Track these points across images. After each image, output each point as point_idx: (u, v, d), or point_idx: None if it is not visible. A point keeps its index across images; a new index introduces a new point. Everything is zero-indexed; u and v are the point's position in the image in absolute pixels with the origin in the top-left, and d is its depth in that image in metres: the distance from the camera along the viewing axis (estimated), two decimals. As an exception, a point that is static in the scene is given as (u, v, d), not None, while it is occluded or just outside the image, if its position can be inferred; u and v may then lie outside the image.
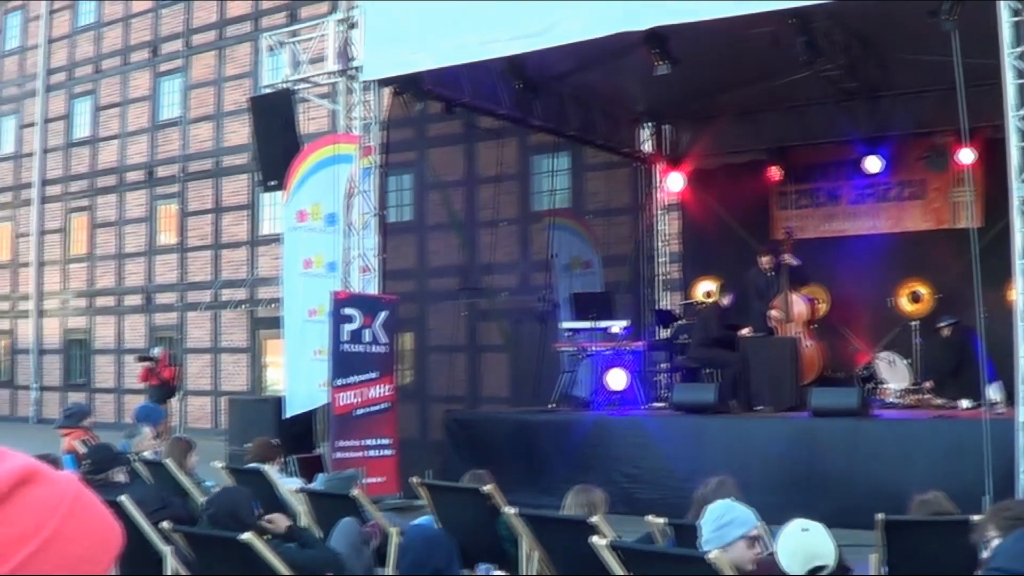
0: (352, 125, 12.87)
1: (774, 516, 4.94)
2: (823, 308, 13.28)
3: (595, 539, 5.03)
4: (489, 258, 15.18)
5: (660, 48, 11.08)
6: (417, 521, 7.19)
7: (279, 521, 6.08)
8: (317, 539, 6.49)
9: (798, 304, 12.32)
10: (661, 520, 5.79)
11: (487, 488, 6.87)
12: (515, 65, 12.53)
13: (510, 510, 6.30)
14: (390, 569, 6.62)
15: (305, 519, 7.63)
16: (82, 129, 25.96)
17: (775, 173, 14.86)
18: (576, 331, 13.76)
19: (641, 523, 6.09)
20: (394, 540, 6.70)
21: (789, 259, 12.42)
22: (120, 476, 7.47)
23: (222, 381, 22.23)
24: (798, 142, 14.54)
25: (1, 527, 0.99)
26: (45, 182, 26.62)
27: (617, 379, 13.02)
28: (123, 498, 6.24)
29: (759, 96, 13.47)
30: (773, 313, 12.40)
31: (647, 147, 16.45)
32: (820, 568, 4.25)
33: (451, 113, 13.73)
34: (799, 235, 13.68)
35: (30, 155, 27.07)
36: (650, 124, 16.41)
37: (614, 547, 4.97)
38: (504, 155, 15.21)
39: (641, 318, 15.66)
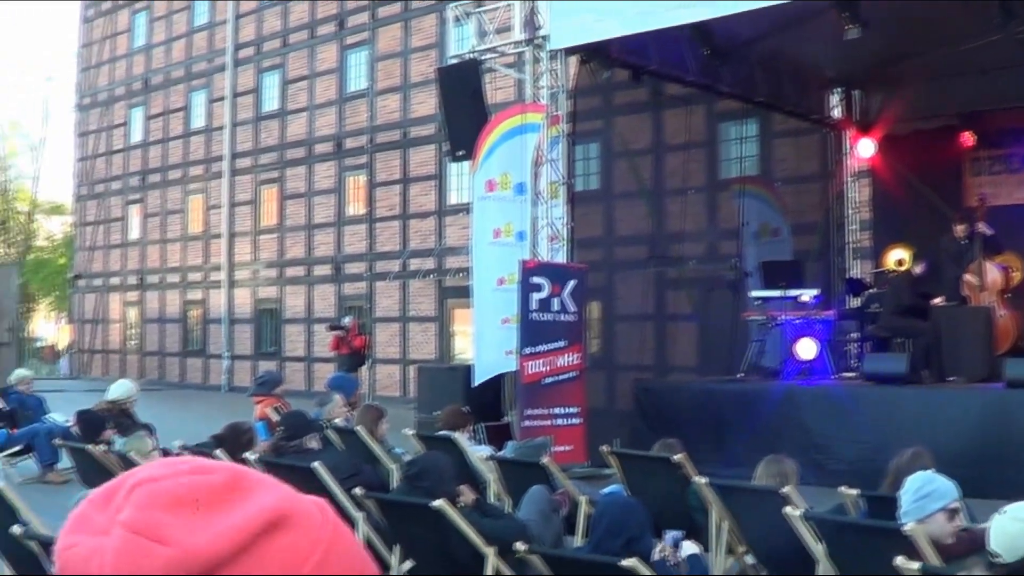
0: (539, 94, 13.57)
1: (965, 490, 4.97)
2: (1017, 277, 13.34)
3: (788, 510, 5.31)
4: (677, 226, 15.89)
5: (850, 12, 11.55)
6: (607, 490, 7.32)
7: (467, 494, 6.34)
8: (505, 513, 6.79)
9: (992, 272, 12.50)
10: (854, 491, 5.99)
11: (677, 457, 7.20)
12: (702, 31, 13.10)
13: (700, 479, 6.58)
14: (579, 537, 6.93)
15: (495, 486, 8.10)
16: (271, 103, 28.02)
17: (968, 139, 14.99)
18: (765, 300, 14.31)
19: (831, 494, 6.32)
20: (583, 509, 7.06)
21: (983, 228, 12.67)
22: (313, 443, 7.99)
23: (410, 350, 23.81)
24: (991, 107, 14.61)
25: None
26: (235, 155, 28.83)
27: (807, 348, 13.49)
28: (316, 464, 6.74)
29: (950, 60, 13.61)
30: (968, 278, 12.58)
31: (836, 113, 16.87)
32: None
33: (638, 81, 14.31)
34: (992, 202, 13.77)
35: (220, 129, 29.34)
36: (839, 90, 16.79)
37: (807, 518, 5.26)
38: (691, 122, 15.94)
39: (831, 287, 16.10)
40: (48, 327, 64.80)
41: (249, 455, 7.72)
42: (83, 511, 0.99)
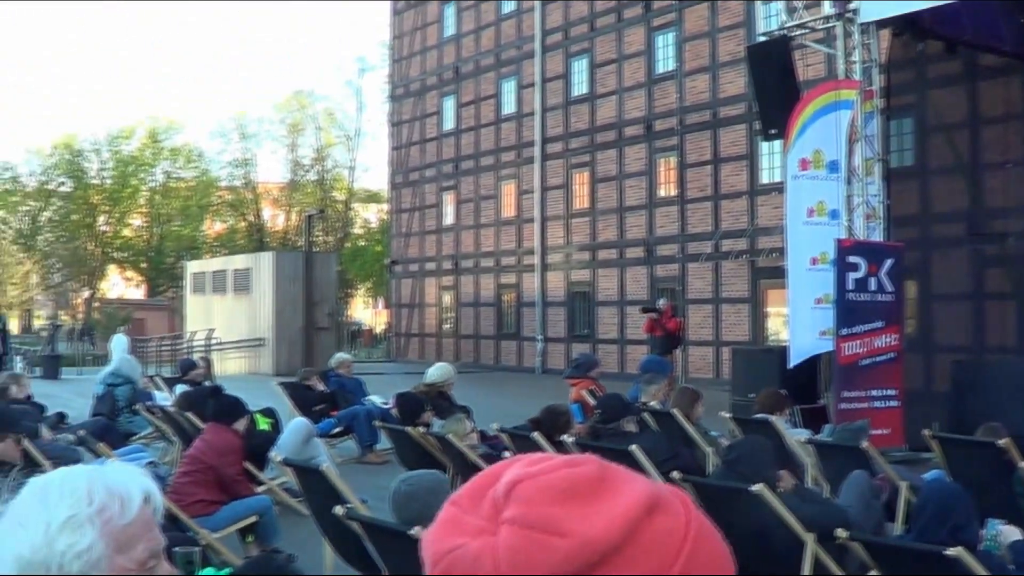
0: (851, 69, 14.23)
1: None
2: None
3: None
4: (997, 202, 16.12)
5: None
6: (929, 475, 7.39)
7: (787, 479, 6.48)
8: (824, 498, 7.01)
9: None
10: None
11: (1003, 442, 7.29)
12: (1017, -1, 13.45)
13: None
14: (899, 524, 7.04)
15: (812, 471, 8.46)
16: (580, 87, 30.22)
17: None
18: (1091, 276, 14.59)
19: None
20: (903, 495, 7.15)
21: None
22: (630, 426, 8.38)
23: (723, 331, 25.31)
24: None
25: (631, 565, 1.04)
26: (546, 140, 31.20)
27: None
28: (634, 447, 7.10)
29: None
30: None
31: None
32: None
33: (952, 52, 14.81)
34: None
35: (531, 115, 31.82)
36: None
37: None
38: (1009, 94, 16.35)
39: None
40: (366, 312, 70.49)
41: (566, 437, 8.33)
42: (450, 515, 1.11)
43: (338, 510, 5.62)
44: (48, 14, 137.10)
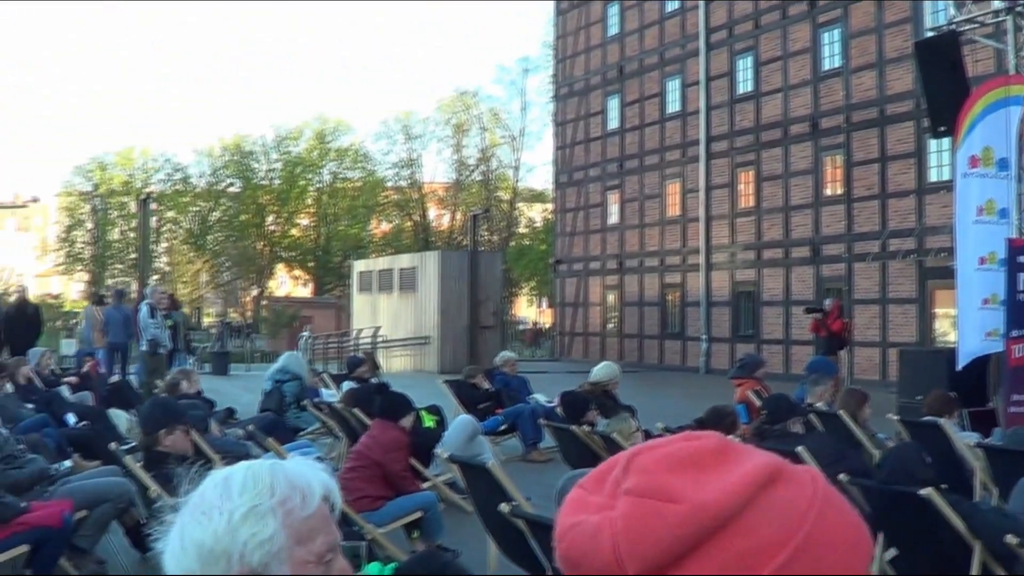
0: (1022, 64, 14.41)
1: None
2: None
3: None
4: None
5: None
6: None
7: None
8: (993, 505, 7.03)
9: None
10: None
11: None
12: None
13: None
14: None
15: (981, 475, 8.34)
16: (745, 85, 30.75)
17: None
18: None
19: None
20: None
21: None
22: (797, 427, 8.41)
23: (890, 332, 25.54)
24: None
25: (750, 532, 1.07)
26: (711, 139, 31.80)
27: None
28: (800, 448, 7.11)
29: None
30: None
31: None
32: None
33: None
34: None
35: (695, 113, 32.47)
36: None
37: None
38: None
39: None
40: (530, 311, 71.87)
41: (731, 438, 9.07)
42: (576, 495, 1.19)
43: (503, 507, 5.70)
44: (216, 16, 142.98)
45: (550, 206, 50.54)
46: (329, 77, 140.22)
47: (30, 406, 11.54)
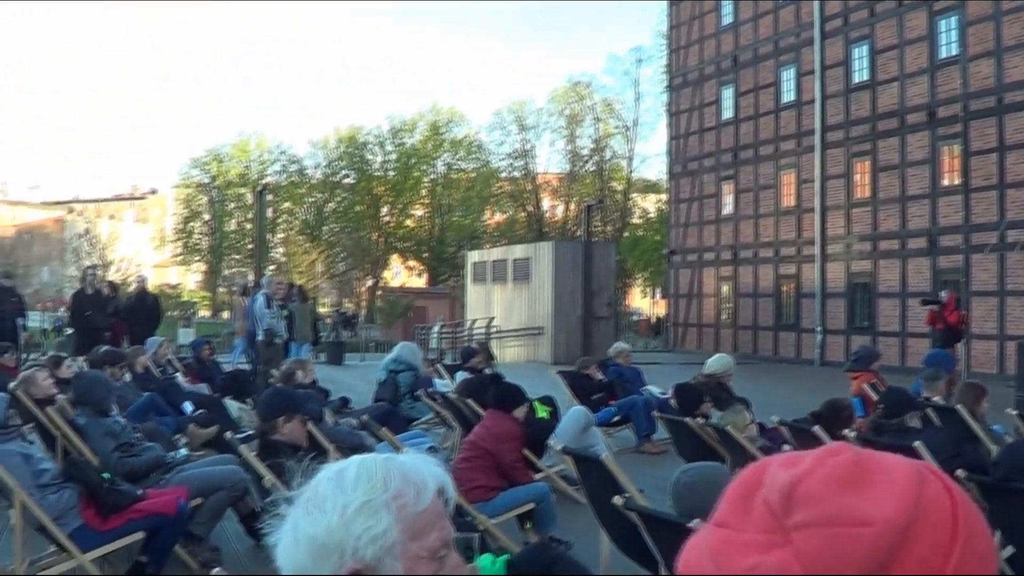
0: None
1: None
2: None
3: None
4: None
5: None
6: None
7: None
8: None
9: None
10: None
11: None
12: None
13: None
14: None
15: None
16: (861, 74, 30.78)
17: None
18: None
19: None
20: None
21: None
22: (914, 421, 8.36)
23: (1008, 325, 25.47)
24: None
25: (922, 536, 1.07)
26: (826, 128, 31.86)
27: None
28: (917, 444, 7.10)
29: None
30: None
31: None
32: None
33: None
34: None
35: (810, 103, 32.55)
36: None
37: None
38: None
39: None
40: (643, 301, 72.22)
41: (847, 432, 8.27)
42: (722, 537, 1.15)
43: (616, 500, 5.70)
44: (343, 10, 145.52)
45: (664, 196, 50.81)
46: (443, 67, 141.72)
47: (147, 395, 11.66)
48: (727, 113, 37.20)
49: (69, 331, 23.76)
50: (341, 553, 1.75)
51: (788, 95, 34.04)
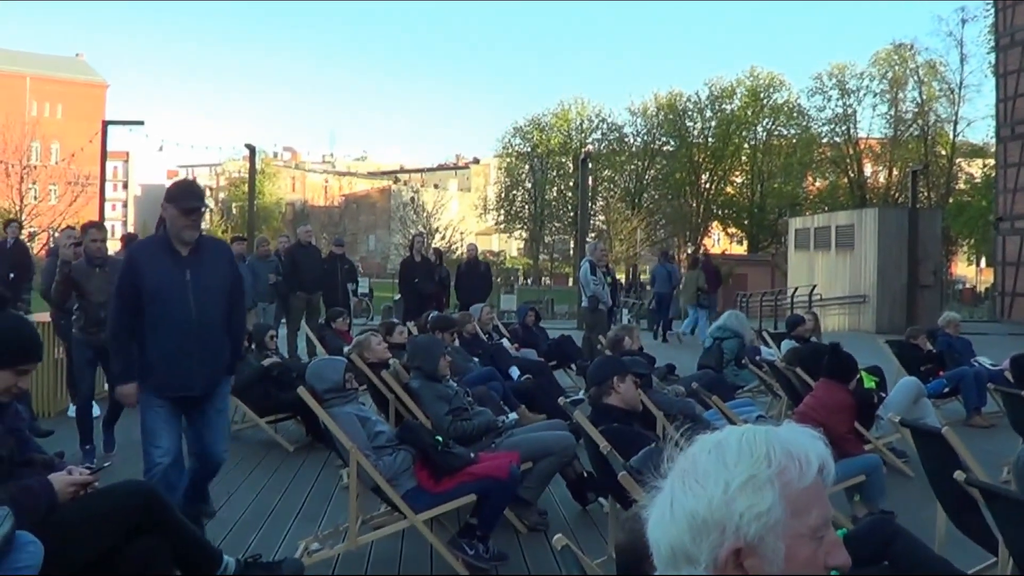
0: None
1: None
2: None
3: None
4: None
5: None
6: None
7: None
8: None
9: None
10: None
11: None
12: None
13: None
14: None
15: None
16: None
17: None
18: None
19: None
20: None
21: None
22: None
23: None
24: None
25: None
26: None
27: None
28: None
29: None
30: None
31: None
32: None
33: None
34: None
35: None
36: None
37: None
38: None
39: None
40: (968, 270, 70.06)
41: None
42: None
43: (958, 475, 5.41)
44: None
45: (991, 161, 49.39)
46: (761, 31, 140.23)
47: (475, 360, 11.98)
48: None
49: (396, 297, 25.10)
50: (723, 530, 1.71)
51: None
